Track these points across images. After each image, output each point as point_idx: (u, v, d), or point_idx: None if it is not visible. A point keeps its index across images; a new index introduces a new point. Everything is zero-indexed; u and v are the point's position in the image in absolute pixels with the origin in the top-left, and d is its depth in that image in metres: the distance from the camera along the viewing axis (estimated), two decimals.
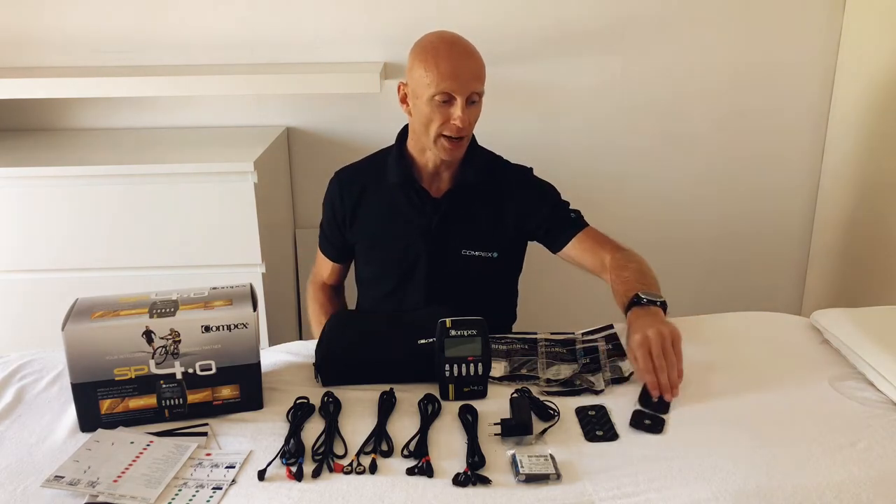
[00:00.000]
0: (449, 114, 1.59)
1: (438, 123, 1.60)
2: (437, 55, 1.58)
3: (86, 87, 2.13)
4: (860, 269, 2.34)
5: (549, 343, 1.55)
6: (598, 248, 1.67)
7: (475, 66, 1.60)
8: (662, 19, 2.29)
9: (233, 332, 1.29)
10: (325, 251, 1.87)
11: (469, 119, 1.60)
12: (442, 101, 1.58)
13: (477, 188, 1.71)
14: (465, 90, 1.57)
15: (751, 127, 2.41)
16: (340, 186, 1.78)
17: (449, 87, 1.56)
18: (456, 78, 1.56)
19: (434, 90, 1.57)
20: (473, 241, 1.72)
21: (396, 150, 1.73)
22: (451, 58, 1.57)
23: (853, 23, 2.26)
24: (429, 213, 1.71)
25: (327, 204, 1.81)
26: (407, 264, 1.73)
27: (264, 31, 2.28)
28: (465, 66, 1.58)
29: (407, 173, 1.70)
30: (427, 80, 1.57)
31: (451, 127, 1.59)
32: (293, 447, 1.21)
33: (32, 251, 2.06)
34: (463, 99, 1.57)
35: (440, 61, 1.57)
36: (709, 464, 1.16)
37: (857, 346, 1.43)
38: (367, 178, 1.76)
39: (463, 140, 1.64)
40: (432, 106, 1.59)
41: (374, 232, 1.76)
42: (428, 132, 1.62)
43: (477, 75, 1.60)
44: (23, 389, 1.41)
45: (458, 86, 1.57)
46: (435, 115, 1.59)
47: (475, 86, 1.59)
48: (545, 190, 1.77)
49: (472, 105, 1.61)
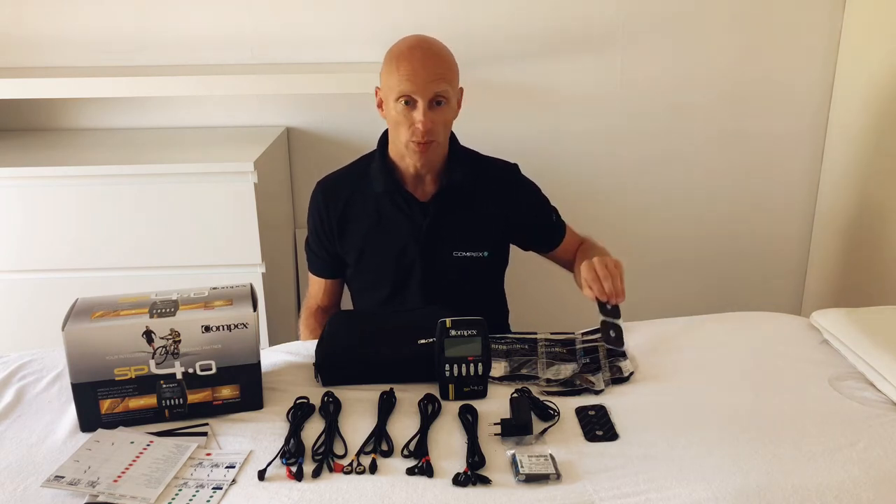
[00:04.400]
0: (412, 118, 1.58)
1: (405, 128, 1.59)
2: (399, 58, 1.58)
3: (86, 87, 2.13)
4: (860, 269, 2.34)
5: (549, 343, 1.55)
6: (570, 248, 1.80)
7: (436, 68, 1.57)
8: (662, 22, 2.29)
9: (233, 332, 1.29)
10: (315, 270, 1.83)
11: (434, 122, 1.58)
12: (405, 103, 1.57)
13: (463, 189, 1.70)
14: (426, 92, 1.56)
15: (751, 127, 2.40)
16: (325, 197, 1.75)
17: (408, 89, 1.56)
18: (414, 80, 1.55)
19: (397, 94, 1.57)
20: (464, 242, 1.72)
21: (379, 157, 1.71)
22: (411, 60, 1.56)
23: (853, 26, 2.26)
24: (418, 218, 1.70)
25: (313, 216, 1.78)
26: (401, 270, 1.73)
27: (264, 31, 2.28)
28: (424, 68, 1.56)
29: (391, 180, 1.69)
30: (391, 82, 1.58)
31: (414, 131, 1.58)
32: (293, 447, 1.21)
33: (32, 251, 2.06)
34: (424, 101, 1.56)
35: (401, 64, 1.56)
36: (709, 464, 1.16)
37: (857, 346, 1.43)
38: (352, 187, 1.74)
39: (433, 143, 1.61)
40: (398, 110, 1.59)
41: (363, 241, 1.73)
42: (399, 138, 1.61)
43: (439, 76, 1.57)
44: (23, 389, 1.41)
45: (417, 87, 1.55)
46: (401, 118, 1.59)
47: (436, 87, 1.57)
48: (529, 194, 1.78)
49: (437, 107, 1.59)
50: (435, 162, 1.68)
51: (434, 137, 1.60)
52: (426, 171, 1.68)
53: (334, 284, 1.84)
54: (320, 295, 1.84)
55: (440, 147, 1.66)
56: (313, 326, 1.80)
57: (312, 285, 1.85)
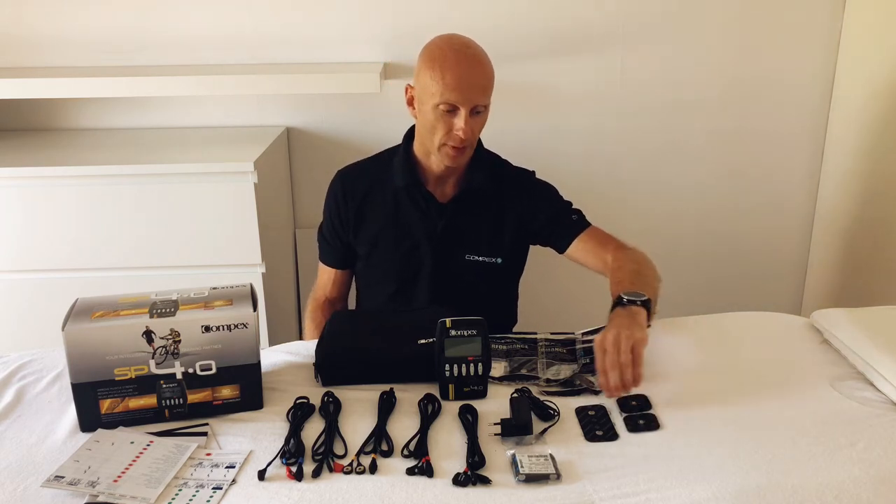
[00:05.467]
0: (452, 123, 1.57)
1: (442, 132, 1.59)
2: (444, 64, 1.55)
3: (86, 87, 2.13)
4: (860, 269, 2.34)
5: (549, 343, 1.55)
6: (599, 249, 1.66)
7: (482, 79, 1.57)
8: (662, 22, 2.29)
9: (233, 332, 1.29)
10: (325, 258, 1.83)
11: (473, 129, 1.59)
12: (446, 110, 1.56)
13: (482, 194, 1.71)
14: (470, 103, 1.56)
15: (751, 127, 2.41)
16: (343, 186, 1.76)
17: (453, 98, 1.55)
18: (461, 90, 1.54)
19: (438, 100, 1.55)
20: (478, 247, 1.72)
21: (403, 152, 1.71)
22: (458, 68, 1.55)
23: (853, 26, 2.26)
24: (434, 218, 1.70)
25: (329, 205, 1.78)
26: (410, 269, 1.73)
27: (264, 31, 2.28)
28: (471, 79, 1.55)
29: (413, 176, 1.69)
30: (432, 88, 1.56)
31: (454, 137, 1.58)
32: (293, 447, 1.21)
33: (32, 251, 2.06)
34: (467, 110, 1.56)
35: (446, 71, 1.54)
36: (709, 464, 1.16)
37: (857, 346, 1.43)
38: (372, 179, 1.74)
39: (466, 149, 1.62)
40: (436, 114, 1.57)
41: (377, 234, 1.74)
42: (432, 139, 1.61)
43: (483, 87, 1.58)
44: (23, 389, 1.41)
45: (463, 98, 1.55)
46: (439, 123, 1.58)
47: (480, 98, 1.57)
48: (546, 193, 1.76)
49: (476, 115, 1.59)
50: (463, 164, 1.68)
51: (471, 143, 1.62)
52: (451, 172, 1.69)
53: (344, 276, 1.84)
54: (329, 286, 1.84)
55: (471, 151, 1.66)
56: (319, 321, 1.79)
57: (321, 276, 1.85)
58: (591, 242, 1.68)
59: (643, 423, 1.27)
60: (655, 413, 1.30)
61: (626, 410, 1.31)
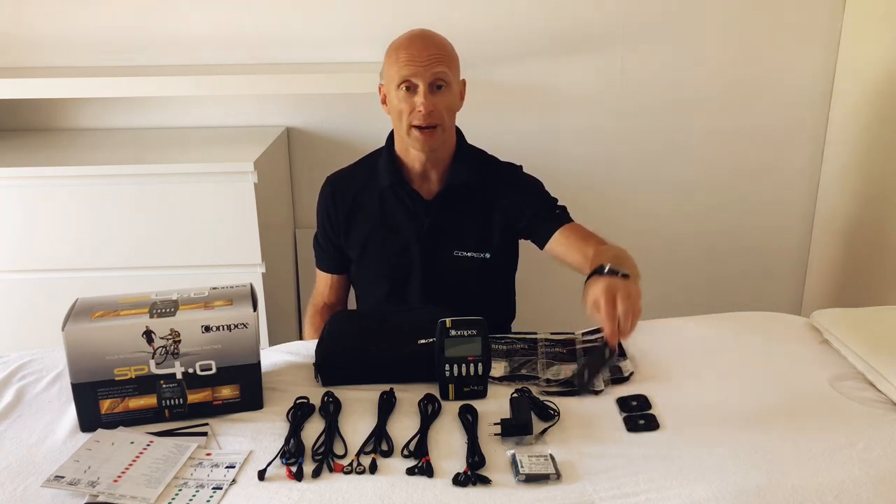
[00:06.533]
0: (413, 103, 1.59)
1: (407, 113, 1.60)
2: (398, 47, 1.61)
3: (86, 87, 2.13)
4: (860, 269, 2.34)
5: (549, 343, 1.55)
6: (581, 243, 1.60)
7: (434, 51, 1.60)
8: (662, 22, 2.29)
9: (233, 332, 1.29)
10: (322, 265, 1.84)
11: (436, 105, 1.59)
12: (406, 89, 1.59)
13: (467, 189, 1.70)
14: (426, 75, 1.58)
15: (751, 127, 2.40)
16: (333, 192, 1.76)
17: (407, 73, 1.58)
18: (413, 62, 1.58)
19: (397, 80, 1.59)
20: (465, 243, 1.72)
21: (386, 153, 1.72)
22: (410, 46, 1.60)
23: (853, 25, 2.26)
24: (420, 216, 1.70)
25: (321, 211, 1.79)
26: (401, 268, 1.73)
27: (264, 31, 2.28)
28: (422, 51, 1.59)
29: (397, 175, 1.69)
30: (391, 72, 1.61)
31: (416, 115, 1.59)
32: (293, 447, 1.21)
33: (32, 251, 2.06)
34: (424, 84, 1.58)
35: (400, 52, 1.60)
36: (709, 464, 1.16)
37: (857, 346, 1.43)
38: (360, 182, 1.75)
39: (436, 129, 1.61)
40: (399, 97, 1.60)
41: (366, 236, 1.74)
42: (401, 125, 1.62)
43: (437, 58, 1.59)
44: (23, 389, 1.41)
45: (417, 70, 1.58)
46: (403, 104, 1.60)
47: (435, 68, 1.58)
48: (532, 187, 1.75)
49: (438, 91, 1.60)
50: (441, 156, 1.67)
51: (437, 121, 1.60)
52: (431, 166, 1.68)
53: (341, 281, 1.84)
54: (327, 291, 1.84)
55: (445, 135, 1.65)
56: (318, 325, 1.79)
57: (319, 281, 1.86)
58: (573, 237, 1.63)
59: (643, 423, 1.27)
60: (655, 413, 1.30)
61: (626, 410, 1.31)
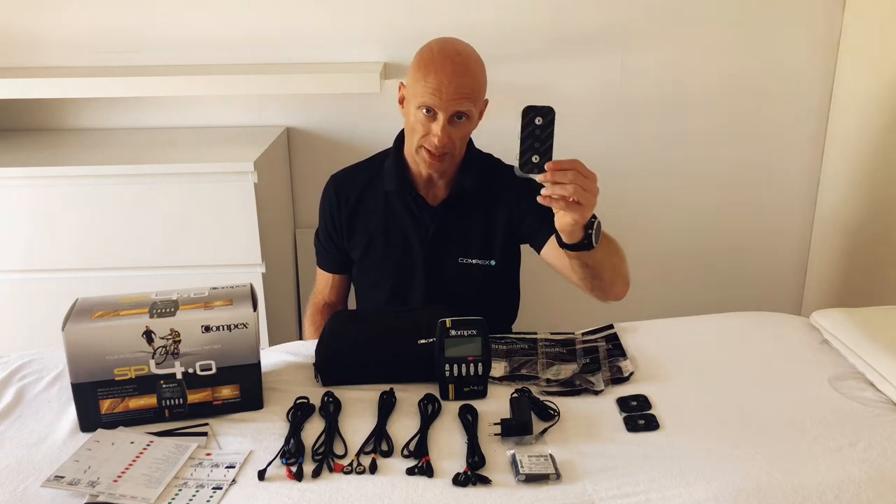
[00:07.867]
0: (430, 128, 1.56)
1: (420, 135, 1.57)
2: (429, 66, 1.54)
3: (86, 87, 2.13)
4: (860, 269, 2.34)
5: (549, 343, 1.55)
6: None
7: (464, 86, 1.54)
8: (662, 22, 2.29)
9: (233, 332, 1.29)
10: (323, 264, 1.83)
11: (451, 137, 1.56)
12: (426, 113, 1.55)
13: (473, 195, 1.69)
14: (448, 110, 1.53)
15: (751, 127, 2.41)
16: (337, 192, 1.75)
17: (432, 102, 1.53)
18: (440, 96, 1.52)
19: (419, 102, 1.54)
20: (470, 250, 1.71)
21: (394, 156, 1.70)
22: (441, 73, 1.52)
23: (853, 25, 2.26)
24: (426, 222, 1.69)
25: (324, 210, 1.78)
26: (403, 273, 1.72)
27: (264, 31, 2.28)
28: (452, 85, 1.52)
29: (403, 180, 1.68)
30: (416, 89, 1.55)
31: (429, 140, 1.57)
32: (293, 447, 1.21)
33: (32, 251, 2.06)
34: (445, 117, 1.54)
35: (430, 74, 1.53)
36: (709, 464, 1.16)
37: (857, 346, 1.43)
38: (364, 184, 1.73)
39: (445, 157, 1.60)
40: (417, 116, 1.56)
41: (370, 239, 1.73)
42: (412, 139, 1.60)
43: (465, 95, 1.54)
44: (23, 389, 1.41)
45: (441, 103, 1.53)
46: (418, 125, 1.57)
47: (461, 105, 1.54)
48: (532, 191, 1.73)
49: (457, 122, 1.57)
50: (448, 169, 1.66)
51: (448, 151, 1.59)
52: (439, 175, 1.67)
53: (341, 280, 1.84)
54: (327, 291, 1.84)
55: (454, 159, 1.64)
56: (319, 324, 1.79)
57: (320, 280, 1.85)
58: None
59: (643, 423, 1.27)
60: (655, 413, 1.30)
61: (626, 410, 1.31)
